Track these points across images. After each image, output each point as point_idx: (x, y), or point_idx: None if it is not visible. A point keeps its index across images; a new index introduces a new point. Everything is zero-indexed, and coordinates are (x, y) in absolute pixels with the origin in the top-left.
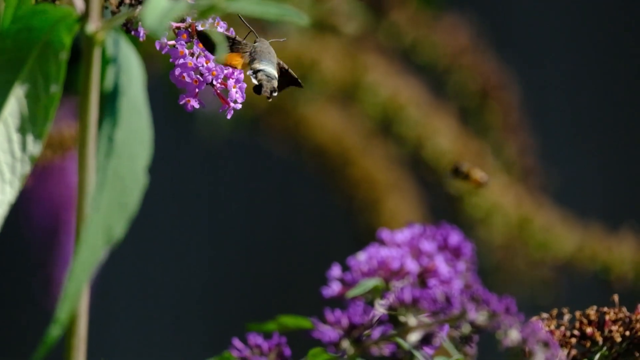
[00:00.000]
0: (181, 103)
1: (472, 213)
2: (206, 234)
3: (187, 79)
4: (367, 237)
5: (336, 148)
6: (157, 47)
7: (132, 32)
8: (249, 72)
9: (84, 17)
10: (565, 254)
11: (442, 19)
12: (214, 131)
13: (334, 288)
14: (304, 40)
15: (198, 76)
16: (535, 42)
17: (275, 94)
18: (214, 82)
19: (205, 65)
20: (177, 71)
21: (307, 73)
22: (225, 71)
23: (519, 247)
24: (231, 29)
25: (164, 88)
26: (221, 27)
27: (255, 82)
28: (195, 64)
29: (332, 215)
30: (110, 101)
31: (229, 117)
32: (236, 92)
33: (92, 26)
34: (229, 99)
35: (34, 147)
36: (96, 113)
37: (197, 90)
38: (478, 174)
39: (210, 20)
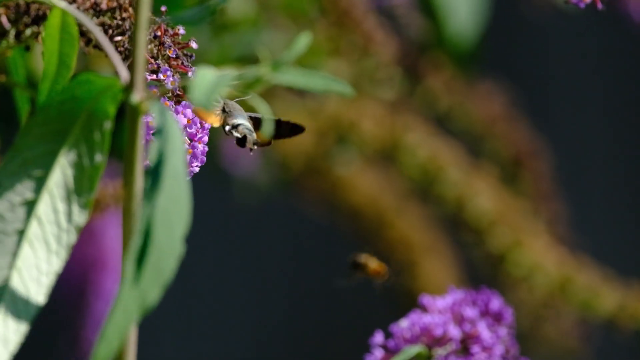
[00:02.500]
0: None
1: (513, 272)
2: (245, 297)
3: (148, 138)
4: (403, 299)
5: (372, 210)
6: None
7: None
8: (228, 128)
9: (128, 87)
10: (607, 313)
11: (477, 86)
12: (250, 193)
13: (377, 355)
14: (342, 101)
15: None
16: (569, 109)
17: (256, 147)
18: None
19: None
20: None
21: (346, 134)
22: (186, 132)
23: (561, 306)
24: None
25: None
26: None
27: (238, 135)
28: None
29: (369, 278)
30: (153, 170)
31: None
32: (190, 157)
33: (137, 96)
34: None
35: (80, 217)
36: (141, 182)
37: None
38: (375, 265)
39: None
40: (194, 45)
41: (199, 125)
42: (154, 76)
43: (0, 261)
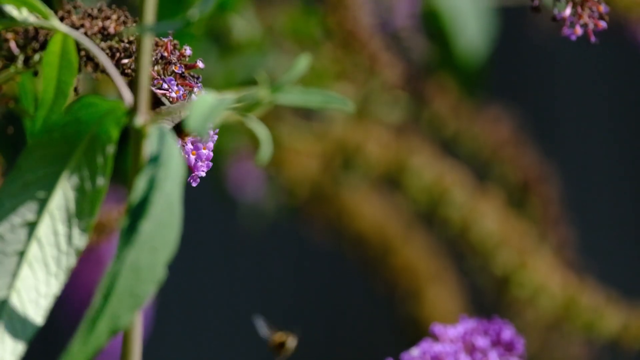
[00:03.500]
0: None
1: (518, 294)
2: (249, 323)
3: None
4: (408, 326)
5: (378, 237)
6: None
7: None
8: None
9: (132, 110)
10: (611, 333)
11: (484, 111)
12: (256, 219)
13: None
14: (348, 124)
15: None
16: (576, 133)
17: None
18: None
19: None
20: None
21: (351, 157)
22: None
23: (565, 326)
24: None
25: (208, 175)
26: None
27: None
28: None
29: (374, 305)
30: (144, 193)
31: (193, 185)
32: (195, 159)
33: (140, 119)
34: (192, 167)
35: (80, 241)
36: None
37: None
38: (290, 343)
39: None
40: (200, 65)
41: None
42: (161, 92)
43: None
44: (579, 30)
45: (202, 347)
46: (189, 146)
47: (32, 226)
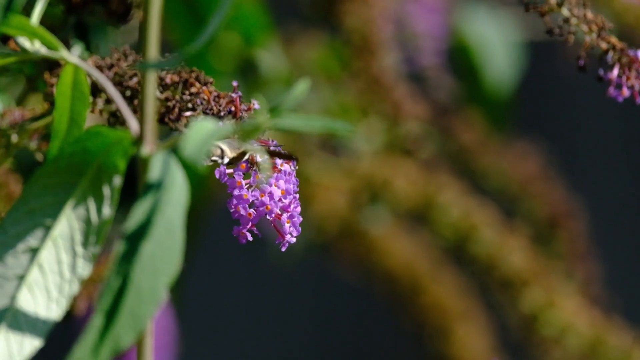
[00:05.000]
0: (235, 234)
1: (545, 332)
2: (274, 356)
3: (242, 212)
4: None
5: (406, 274)
6: (217, 176)
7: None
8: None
9: (139, 140)
10: None
11: (512, 146)
12: (285, 256)
13: None
14: (376, 160)
15: (252, 210)
16: (603, 171)
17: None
18: (268, 216)
19: (259, 198)
20: (234, 202)
21: (379, 193)
22: (280, 204)
23: None
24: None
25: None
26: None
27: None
28: (250, 197)
29: (402, 342)
30: (145, 216)
31: (283, 249)
32: (290, 227)
33: (147, 148)
34: (283, 232)
35: (84, 270)
36: None
37: (250, 223)
38: None
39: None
40: (256, 106)
41: (292, 195)
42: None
43: None
44: (626, 92)
45: None
46: (284, 215)
47: (34, 252)
